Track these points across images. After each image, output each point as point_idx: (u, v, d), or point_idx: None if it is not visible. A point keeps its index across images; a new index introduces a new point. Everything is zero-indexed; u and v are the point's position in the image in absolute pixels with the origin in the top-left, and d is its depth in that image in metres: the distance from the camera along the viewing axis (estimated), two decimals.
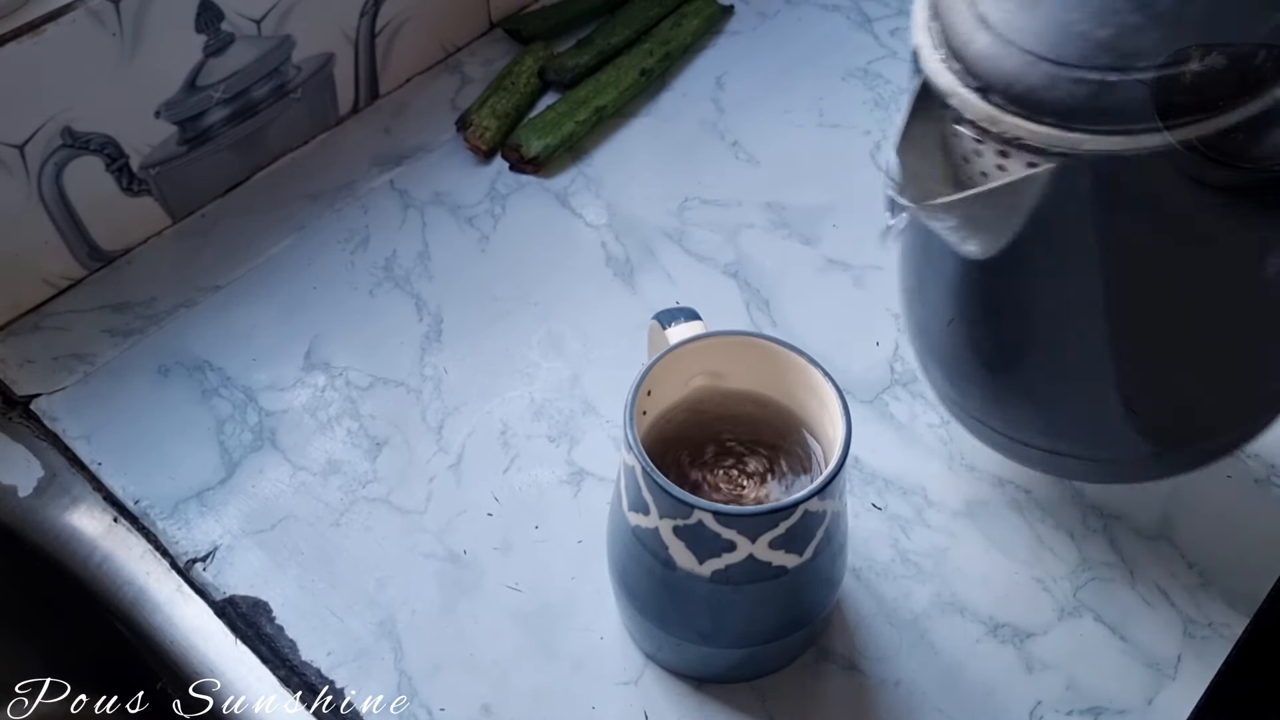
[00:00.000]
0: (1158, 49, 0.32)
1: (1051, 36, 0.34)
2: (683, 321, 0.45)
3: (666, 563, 0.41)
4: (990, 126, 0.34)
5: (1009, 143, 0.34)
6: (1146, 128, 0.33)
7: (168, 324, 0.60)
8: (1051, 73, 0.33)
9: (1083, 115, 0.33)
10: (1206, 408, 0.44)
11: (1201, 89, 0.32)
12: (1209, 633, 0.49)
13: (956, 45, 0.35)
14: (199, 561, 0.52)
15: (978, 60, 0.35)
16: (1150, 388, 0.42)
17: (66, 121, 0.56)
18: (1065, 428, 0.46)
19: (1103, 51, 0.33)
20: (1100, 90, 0.33)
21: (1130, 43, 0.33)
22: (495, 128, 0.69)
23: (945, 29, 0.36)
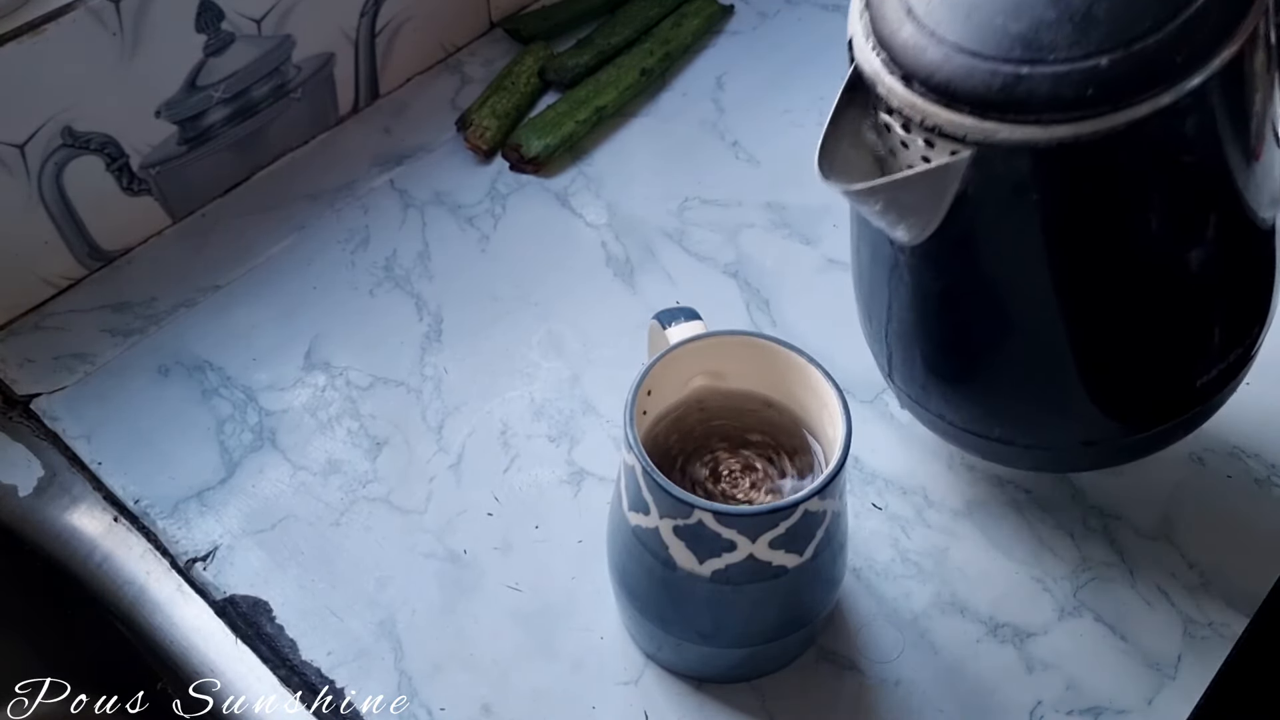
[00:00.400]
0: (1069, 43, 0.34)
1: (970, 28, 0.35)
2: (683, 321, 0.45)
3: (666, 562, 0.41)
4: (912, 114, 0.36)
5: (930, 130, 0.36)
6: (1058, 118, 0.34)
7: (168, 324, 0.60)
8: (968, 64, 0.35)
9: (997, 105, 0.34)
10: (1130, 395, 0.45)
11: (1109, 83, 0.34)
12: (1209, 633, 0.49)
13: (884, 35, 0.37)
14: (199, 561, 0.52)
15: (902, 49, 0.36)
16: (1072, 373, 0.44)
17: (67, 121, 0.56)
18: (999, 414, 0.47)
19: (1017, 44, 0.34)
20: (1013, 81, 0.34)
21: (1043, 36, 0.34)
22: (495, 127, 0.69)
23: (875, 19, 0.37)
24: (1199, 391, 0.46)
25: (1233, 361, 0.46)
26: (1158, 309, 0.42)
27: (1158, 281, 0.41)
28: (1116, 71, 0.34)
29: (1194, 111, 0.35)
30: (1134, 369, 0.44)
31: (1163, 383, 0.45)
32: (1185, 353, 0.45)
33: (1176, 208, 0.39)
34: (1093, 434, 0.47)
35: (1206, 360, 0.45)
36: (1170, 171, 0.38)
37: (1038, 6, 0.35)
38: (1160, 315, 0.43)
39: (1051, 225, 0.39)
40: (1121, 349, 0.43)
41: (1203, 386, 0.45)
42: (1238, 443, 0.55)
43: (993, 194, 0.37)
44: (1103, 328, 0.42)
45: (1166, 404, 0.46)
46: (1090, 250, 0.39)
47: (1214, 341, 0.45)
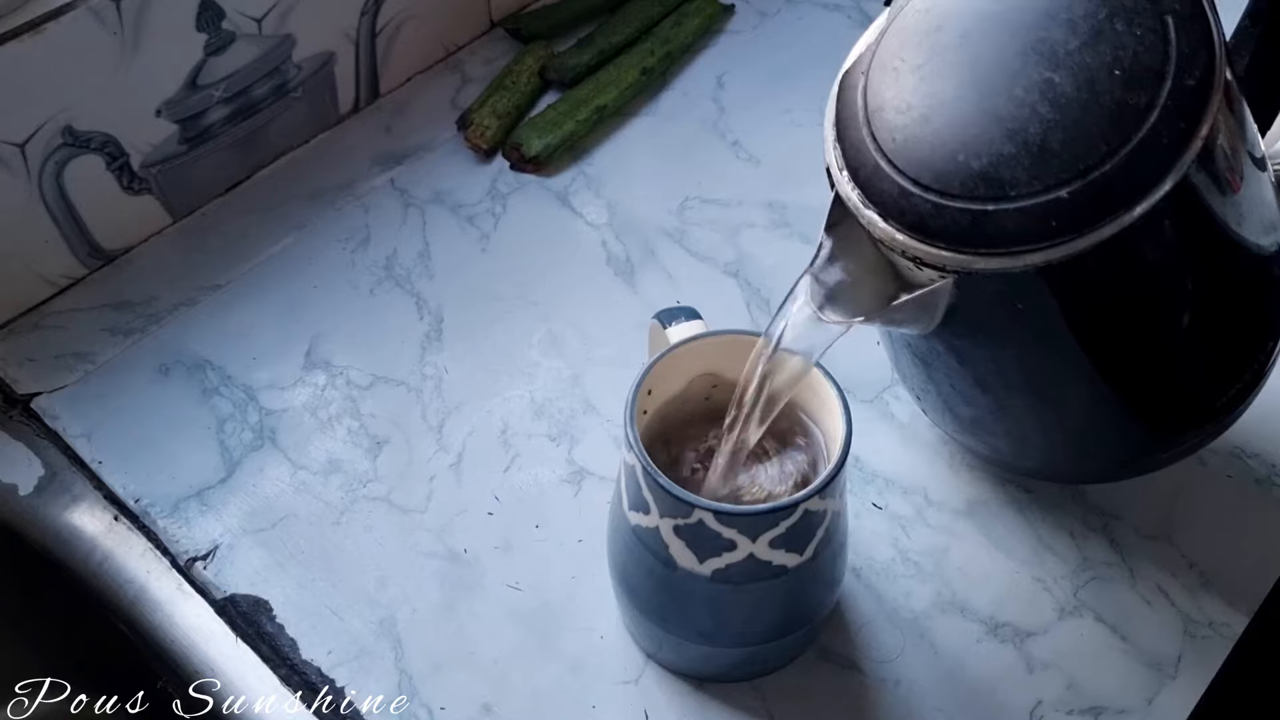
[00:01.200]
0: (1030, 178, 0.35)
1: (934, 166, 0.36)
2: (683, 321, 0.45)
3: (667, 562, 0.41)
4: (893, 245, 0.37)
5: (913, 259, 0.37)
6: (1027, 249, 0.35)
7: (168, 323, 0.60)
8: (936, 202, 0.36)
9: (969, 240, 0.36)
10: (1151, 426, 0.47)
11: (1071, 213, 0.35)
12: (1209, 632, 0.49)
13: (855, 167, 0.38)
14: (199, 560, 0.52)
15: (874, 185, 0.37)
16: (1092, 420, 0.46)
17: (67, 120, 0.56)
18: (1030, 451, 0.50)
19: (980, 182, 0.36)
20: (980, 219, 0.35)
21: (1004, 173, 0.35)
22: (496, 127, 0.69)
23: (846, 152, 0.38)
24: (1217, 410, 0.46)
25: (1248, 379, 0.46)
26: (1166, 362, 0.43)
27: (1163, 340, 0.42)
28: (1077, 201, 0.35)
29: (1164, 214, 0.35)
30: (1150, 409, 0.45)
31: (1178, 414, 0.46)
32: (1199, 386, 0.45)
33: (1167, 287, 0.40)
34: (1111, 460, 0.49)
35: (1221, 386, 0.45)
36: (1152, 264, 0.39)
37: (995, 141, 0.36)
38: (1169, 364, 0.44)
39: (1043, 326, 0.40)
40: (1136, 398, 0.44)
41: (1220, 406, 0.46)
42: (1238, 443, 0.55)
43: (982, 307, 0.39)
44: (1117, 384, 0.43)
45: (1182, 428, 0.47)
46: (1087, 336, 0.41)
47: (1226, 369, 0.45)
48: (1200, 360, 0.44)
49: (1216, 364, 0.45)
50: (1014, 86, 0.36)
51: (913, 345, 0.46)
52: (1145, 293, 0.40)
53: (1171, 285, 0.40)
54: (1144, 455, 0.48)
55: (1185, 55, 0.35)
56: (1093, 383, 0.43)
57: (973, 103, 0.36)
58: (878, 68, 0.39)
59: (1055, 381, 0.44)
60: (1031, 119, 0.35)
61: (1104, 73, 0.35)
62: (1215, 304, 0.42)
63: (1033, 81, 0.36)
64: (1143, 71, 0.35)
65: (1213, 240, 0.40)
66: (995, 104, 0.36)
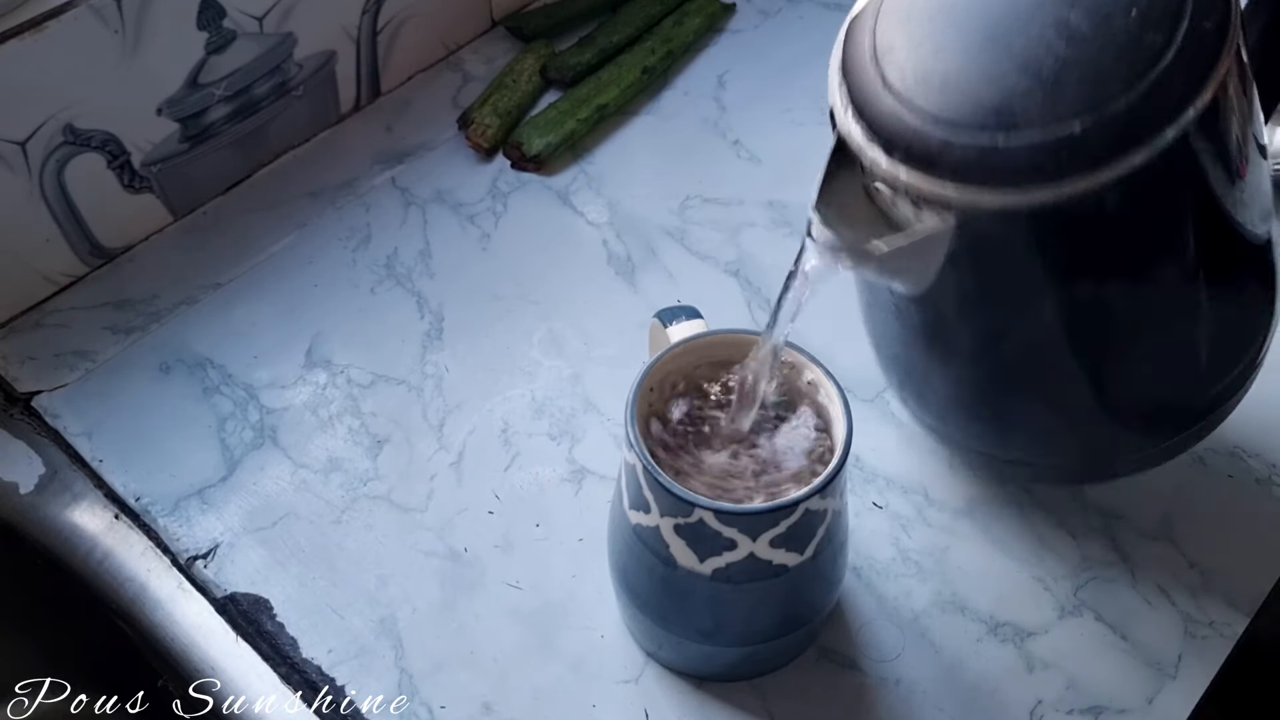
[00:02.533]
0: (1042, 111, 0.35)
1: (945, 98, 0.36)
2: (684, 320, 0.45)
3: (667, 561, 0.42)
4: (896, 184, 0.36)
5: (915, 198, 0.36)
6: (1036, 184, 0.35)
7: (169, 321, 0.61)
8: (946, 135, 0.35)
9: (977, 174, 0.35)
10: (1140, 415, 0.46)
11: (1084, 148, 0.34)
12: (1210, 632, 0.49)
13: (862, 105, 0.37)
14: (200, 559, 0.52)
15: (882, 121, 0.37)
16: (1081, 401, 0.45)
17: (68, 119, 0.56)
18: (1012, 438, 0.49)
19: (992, 114, 0.35)
20: (990, 151, 0.35)
21: (1016, 105, 0.35)
22: (497, 126, 0.69)
23: (853, 89, 0.38)
24: (1210, 401, 0.46)
25: (1240, 371, 0.46)
26: (1161, 337, 0.43)
27: (1158, 313, 0.42)
28: (1089, 136, 0.34)
29: (1172, 162, 0.35)
30: (1143, 393, 0.45)
31: (1172, 402, 0.46)
32: (1192, 372, 0.45)
33: (1167, 246, 0.40)
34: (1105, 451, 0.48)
35: (1215, 375, 0.45)
36: (1155, 217, 0.38)
37: (1010, 75, 0.35)
38: (1164, 342, 0.43)
39: (1044, 278, 0.39)
40: (1129, 376, 0.44)
41: (1213, 397, 0.46)
42: (1238, 443, 0.55)
43: (982, 253, 0.38)
44: (1108, 360, 0.43)
45: (1176, 419, 0.46)
46: (1087, 294, 0.40)
47: (1221, 357, 0.45)
48: (1198, 336, 0.43)
49: (1214, 343, 0.44)
50: (1029, 24, 0.35)
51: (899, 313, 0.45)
52: (1145, 250, 0.39)
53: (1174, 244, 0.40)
54: (1137, 446, 0.48)
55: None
56: (1086, 357, 0.42)
57: (987, 40, 0.36)
58: (889, 11, 0.38)
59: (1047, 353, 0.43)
60: (1046, 55, 0.35)
61: (1121, 11, 0.35)
62: (1214, 276, 0.42)
63: (1048, 19, 0.35)
64: (1160, 12, 0.34)
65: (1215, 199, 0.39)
66: (1010, 40, 0.36)
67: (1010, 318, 0.42)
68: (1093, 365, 0.43)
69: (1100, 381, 0.44)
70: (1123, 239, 0.38)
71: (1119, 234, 0.38)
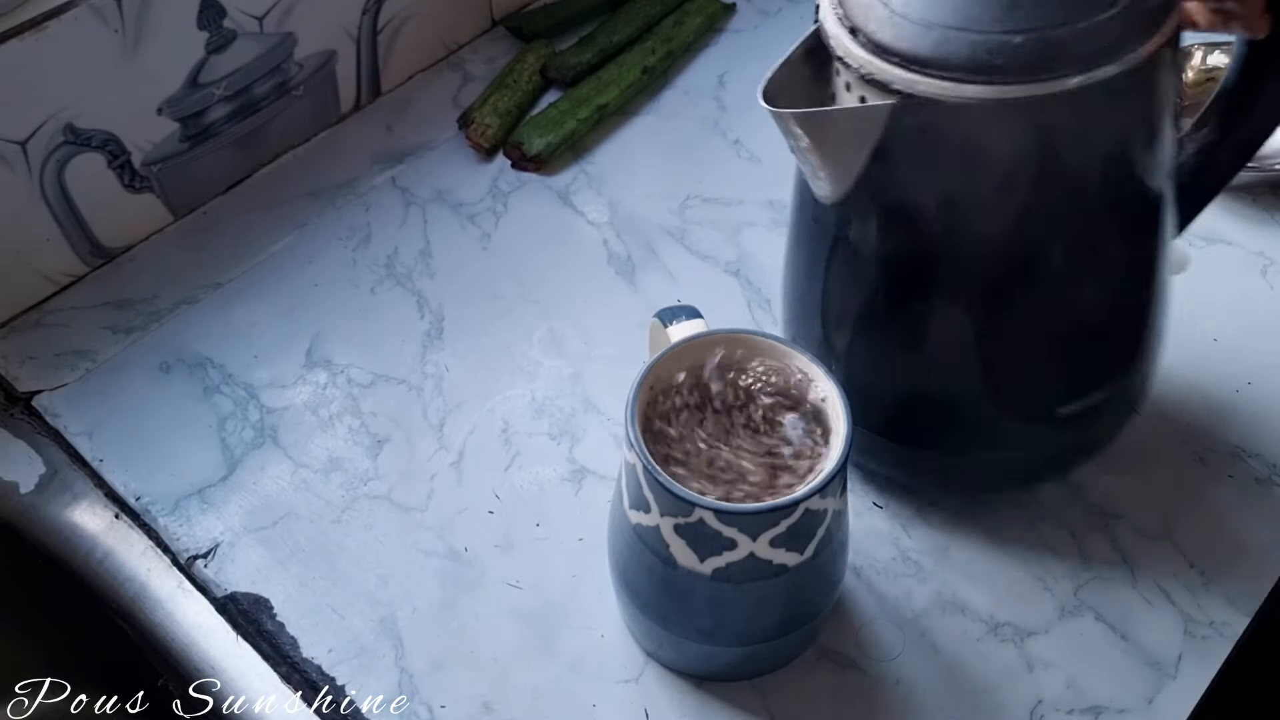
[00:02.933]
0: (993, 19, 0.38)
1: (920, 5, 0.40)
2: (684, 320, 0.45)
3: (667, 561, 0.42)
4: (852, 62, 0.40)
5: (866, 79, 0.40)
6: (970, 80, 0.38)
7: (169, 321, 0.61)
8: (904, 25, 0.39)
9: (921, 61, 0.39)
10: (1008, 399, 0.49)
11: (1018, 57, 0.38)
12: (1210, 632, 0.49)
13: (845, 3, 0.42)
14: (200, 558, 0.52)
15: (856, 10, 0.41)
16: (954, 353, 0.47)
17: (68, 118, 0.56)
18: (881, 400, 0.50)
19: (951, 14, 0.39)
20: (938, 43, 0.39)
21: (973, 11, 0.39)
22: (497, 125, 0.69)
23: None
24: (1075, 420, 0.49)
25: (1110, 395, 0.49)
26: (1076, 274, 0.45)
27: (1039, 263, 0.44)
28: (1027, 49, 0.38)
29: (1096, 99, 0.38)
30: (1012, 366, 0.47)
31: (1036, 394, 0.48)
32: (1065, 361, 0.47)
33: (1065, 184, 0.42)
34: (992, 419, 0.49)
35: (1088, 380, 0.48)
36: (1065, 150, 0.41)
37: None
38: (1077, 284, 0.45)
39: (952, 184, 0.42)
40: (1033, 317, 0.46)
41: (1083, 412, 0.48)
42: (1238, 443, 0.55)
43: (907, 144, 0.41)
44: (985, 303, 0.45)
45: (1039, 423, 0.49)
46: (982, 214, 0.43)
47: (1094, 363, 0.48)
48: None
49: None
50: None
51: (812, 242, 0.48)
52: (1049, 179, 0.42)
53: (1075, 189, 0.42)
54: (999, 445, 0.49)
55: None
56: (993, 293, 0.45)
57: None
58: None
59: (936, 280, 0.45)
60: None
61: None
62: (1105, 242, 0.45)
63: None
64: None
65: (1122, 161, 0.43)
66: None
67: (910, 233, 0.44)
68: (971, 304, 0.45)
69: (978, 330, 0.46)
70: (1025, 157, 0.41)
71: (1023, 151, 0.41)
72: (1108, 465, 0.54)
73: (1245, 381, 0.58)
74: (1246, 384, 0.57)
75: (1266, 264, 0.63)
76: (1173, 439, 0.55)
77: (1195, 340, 0.59)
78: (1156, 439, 0.55)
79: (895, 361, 0.48)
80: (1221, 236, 0.64)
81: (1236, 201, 0.66)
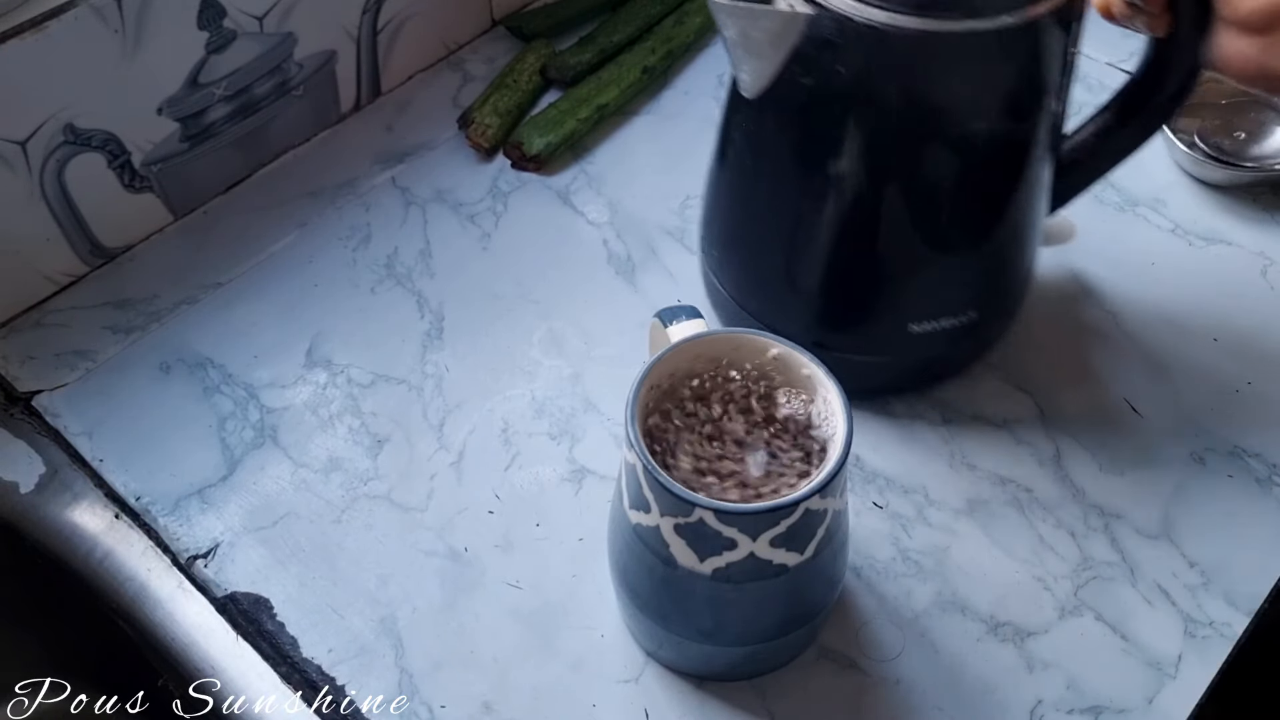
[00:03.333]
0: None
1: None
2: (684, 319, 0.45)
3: (667, 561, 0.42)
4: None
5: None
6: (876, 5, 0.43)
7: (169, 321, 0.61)
8: None
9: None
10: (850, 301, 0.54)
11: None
12: (1210, 632, 0.49)
13: None
14: (200, 558, 0.52)
15: None
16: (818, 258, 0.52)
17: (69, 118, 0.56)
18: (756, 289, 0.56)
19: None
20: None
21: None
22: (497, 125, 0.69)
23: None
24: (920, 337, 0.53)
25: (961, 324, 0.53)
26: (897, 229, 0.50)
27: (906, 185, 0.49)
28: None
29: (975, 44, 0.43)
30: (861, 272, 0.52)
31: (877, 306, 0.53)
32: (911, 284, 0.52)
33: (941, 120, 0.47)
34: (821, 334, 0.54)
35: (930, 302, 0.52)
36: (943, 88, 0.46)
37: None
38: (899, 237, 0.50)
39: (848, 99, 0.46)
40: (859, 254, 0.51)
41: (925, 334, 0.53)
42: (1238, 442, 0.55)
43: (815, 56, 0.45)
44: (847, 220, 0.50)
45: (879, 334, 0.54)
46: (867, 130, 0.47)
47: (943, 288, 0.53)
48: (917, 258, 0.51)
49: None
50: None
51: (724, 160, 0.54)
52: (936, 124, 0.46)
53: (964, 128, 0.47)
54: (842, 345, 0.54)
55: None
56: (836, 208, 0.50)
57: None
58: None
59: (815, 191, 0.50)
60: None
61: None
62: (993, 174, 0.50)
63: None
64: None
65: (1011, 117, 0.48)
66: None
67: (803, 143, 0.49)
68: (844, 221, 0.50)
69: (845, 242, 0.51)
70: (913, 90, 0.46)
71: (911, 83, 0.45)
72: (1108, 465, 0.54)
73: (1245, 381, 0.58)
74: (1246, 384, 0.58)
75: (1267, 264, 0.63)
76: (1173, 439, 0.55)
77: (1195, 340, 0.59)
78: (1156, 439, 0.55)
79: (773, 250, 0.53)
80: (1222, 236, 0.64)
81: (1237, 201, 0.66)
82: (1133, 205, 0.66)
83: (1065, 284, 0.62)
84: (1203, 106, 0.69)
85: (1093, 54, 0.75)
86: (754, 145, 0.51)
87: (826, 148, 0.48)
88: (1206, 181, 0.67)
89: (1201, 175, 0.67)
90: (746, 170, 0.52)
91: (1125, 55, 0.75)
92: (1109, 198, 0.67)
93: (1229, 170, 0.65)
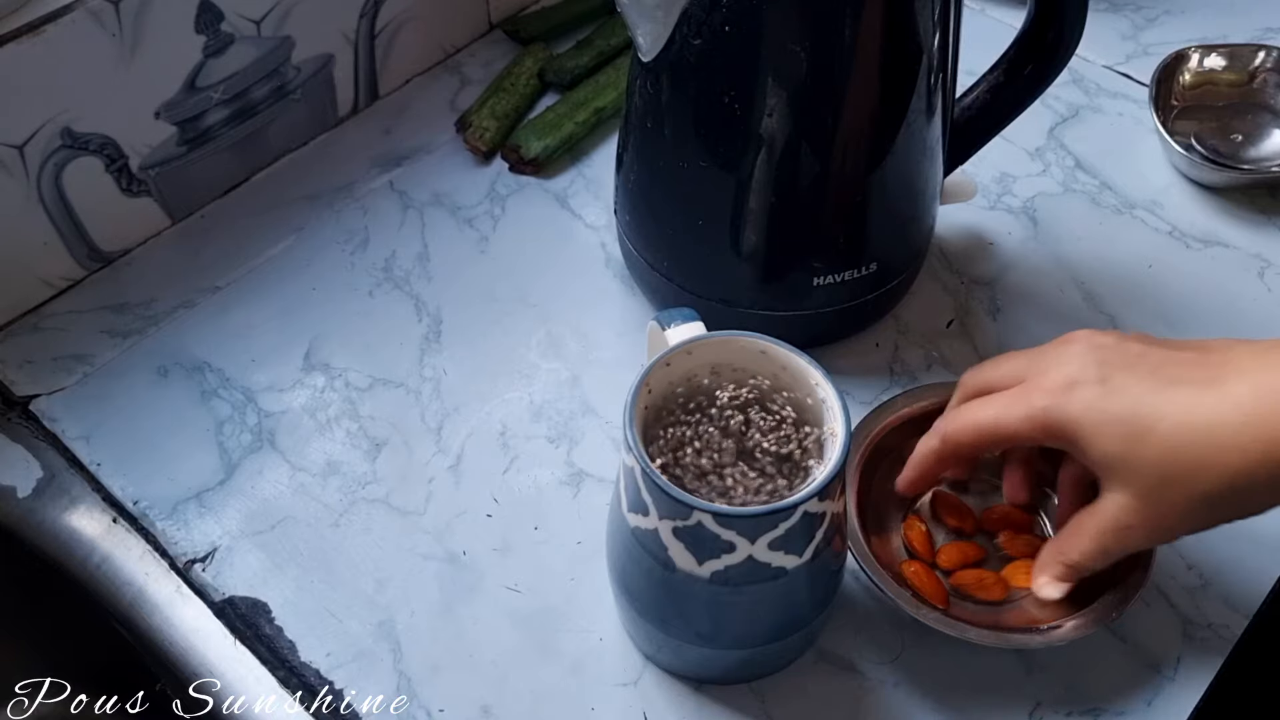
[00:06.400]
0: None
1: None
2: (682, 323, 0.45)
3: (666, 564, 0.41)
4: None
5: None
6: None
7: (167, 325, 0.60)
8: None
9: None
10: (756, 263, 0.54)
11: None
12: (1209, 633, 0.49)
13: None
14: (198, 562, 0.52)
15: None
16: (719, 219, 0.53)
17: (66, 122, 0.56)
18: (668, 249, 0.56)
19: None
20: None
21: None
22: (495, 129, 0.69)
23: None
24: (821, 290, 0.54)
25: (861, 276, 0.54)
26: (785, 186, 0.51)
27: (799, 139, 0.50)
28: None
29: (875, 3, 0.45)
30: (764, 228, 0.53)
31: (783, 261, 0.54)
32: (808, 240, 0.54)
33: (832, 73, 0.48)
34: (730, 291, 0.55)
35: (827, 258, 0.54)
36: (833, 48, 0.47)
37: None
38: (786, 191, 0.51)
39: (739, 64, 0.48)
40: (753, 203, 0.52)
41: (825, 287, 0.54)
42: None
43: (703, 16, 0.47)
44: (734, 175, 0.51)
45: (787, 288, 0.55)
46: (761, 95, 0.48)
47: (835, 247, 0.54)
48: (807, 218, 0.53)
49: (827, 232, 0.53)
50: None
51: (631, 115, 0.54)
52: (826, 78, 0.48)
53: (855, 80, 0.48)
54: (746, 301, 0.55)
55: None
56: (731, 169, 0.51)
57: None
58: None
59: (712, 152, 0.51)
60: None
61: None
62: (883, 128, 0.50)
63: None
64: None
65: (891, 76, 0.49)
66: None
67: (694, 101, 0.50)
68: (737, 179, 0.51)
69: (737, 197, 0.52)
70: (806, 42, 0.47)
71: (804, 36, 0.46)
72: None
73: None
74: None
75: (1264, 266, 0.63)
76: None
77: None
78: None
79: (677, 211, 0.54)
80: (1218, 239, 0.65)
81: (1233, 204, 0.66)
82: (1130, 207, 0.66)
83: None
84: (1200, 109, 0.69)
85: (1091, 56, 0.75)
86: (654, 108, 0.52)
87: (720, 108, 0.49)
88: (1203, 184, 0.67)
89: (1198, 178, 0.67)
90: (649, 133, 0.53)
91: (1122, 58, 0.75)
92: (1106, 200, 0.67)
93: (1226, 173, 0.66)
